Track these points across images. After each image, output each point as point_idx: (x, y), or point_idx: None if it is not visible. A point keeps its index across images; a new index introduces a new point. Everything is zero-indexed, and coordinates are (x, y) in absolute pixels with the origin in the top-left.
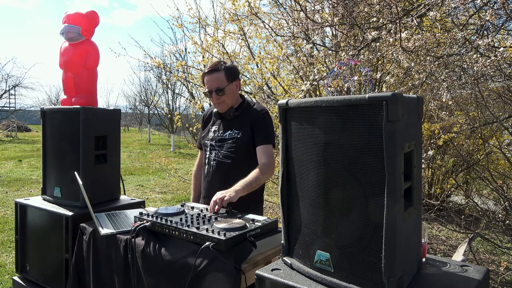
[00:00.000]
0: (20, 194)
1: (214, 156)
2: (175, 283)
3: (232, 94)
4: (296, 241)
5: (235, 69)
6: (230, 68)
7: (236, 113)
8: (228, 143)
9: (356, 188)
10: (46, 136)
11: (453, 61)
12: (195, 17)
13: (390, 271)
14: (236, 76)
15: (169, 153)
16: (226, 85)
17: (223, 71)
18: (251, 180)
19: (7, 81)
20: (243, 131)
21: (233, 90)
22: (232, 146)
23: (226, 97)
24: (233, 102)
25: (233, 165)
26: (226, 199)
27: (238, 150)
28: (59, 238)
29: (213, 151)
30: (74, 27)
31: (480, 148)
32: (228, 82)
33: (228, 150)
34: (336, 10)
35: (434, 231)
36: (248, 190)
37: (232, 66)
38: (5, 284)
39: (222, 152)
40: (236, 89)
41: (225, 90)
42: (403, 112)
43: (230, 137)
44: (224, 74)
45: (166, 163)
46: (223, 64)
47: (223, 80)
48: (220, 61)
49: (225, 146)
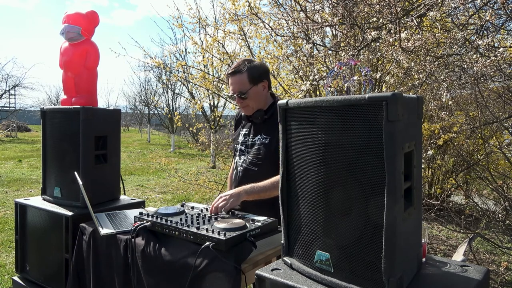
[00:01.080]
0: (20, 194)
1: (242, 162)
2: (175, 283)
3: (258, 97)
4: (296, 241)
5: (261, 68)
6: (255, 68)
7: (265, 116)
8: (256, 149)
9: (356, 188)
10: (46, 136)
11: (453, 61)
12: (195, 17)
13: (390, 271)
14: (262, 77)
15: (169, 153)
16: (249, 88)
17: (246, 73)
18: (260, 188)
19: (7, 81)
20: (271, 137)
21: (259, 93)
22: (259, 153)
23: (250, 101)
24: (260, 104)
25: (259, 173)
26: (227, 207)
27: (265, 158)
28: (59, 238)
29: (242, 156)
30: (74, 27)
31: (480, 148)
32: (252, 85)
33: (255, 156)
34: (336, 10)
35: (434, 231)
36: (254, 197)
37: (257, 65)
38: (5, 284)
39: (249, 159)
40: (264, 90)
41: (248, 94)
42: (403, 112)
43: (258, 142)
44: (247, 76)
45: (166, 163)
46: (247, 65)
47: (245, 83)
48: (245, 60)
49: (253, 152)
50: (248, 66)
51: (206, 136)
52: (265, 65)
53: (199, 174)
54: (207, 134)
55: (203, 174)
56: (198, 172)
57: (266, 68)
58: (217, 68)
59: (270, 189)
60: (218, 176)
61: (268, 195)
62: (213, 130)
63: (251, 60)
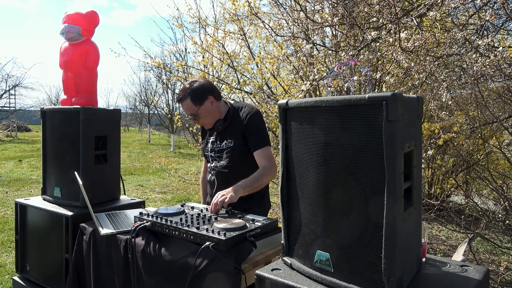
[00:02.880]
0: (20, 194)
1: (213, 166)
2: (175, 283)
3: (209, 112)
4: (296, 241)
5: (202, 88)
6: (196, 90)
7: (224, 124)
8: (224, 153)
9: (356, 188)
10: (46, 136)
11: (453, 61)
12: (195, 17)
13: (390, 271)
14: (206, 95)
15: (169, 153)
16: (198, 109)
17: (189, 98)
18: (252, 181)
19: (7, 81)
20: (234, 139)
21: (208, 109)
22: (227, 156)
23: (203, 119)
24: (215, 117)
25: (230, 174)
26: (226, 201)
27: (233, 159)
28: (59, 238)
29: (213, 161)
30: (74, 27)
31: (480, 148)
32: (199, 106)
33: (224, 159)
34: (336, 10)
35: (434, 231)
36: (250, 191)
37: (197, 87)
38: (5, 284)
39: (220, 163)
40: (213, 105)
41: (199, 114)
42: (403, 112)
43: (226, 147)
44: (191, 100)
45: (166, 163)
46: (189, 89)
47: (192, 106)
48: (187, 84)
49: (223, 156)
50: (189, 90)
51: None
52: (207, 82)
53: (199, 174)
54: None
55: None
56: (198, 172)
57: (208, 85)
58: (217, 68)
59: (260, 179)
60: None
61: (259, 186)
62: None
63: (193, 82)
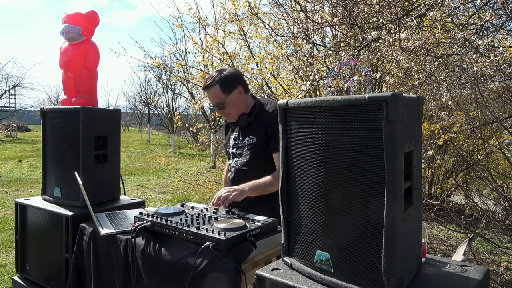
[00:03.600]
0: (20, 194)
1: (234, 164)
2: (175, 283)
3: (236, 103)
4: (296, 241)
5: (232, 77)
6: (225, 78)
7: (248, 119)
8: (245, 150)
9: (356, 188)
10: (46, 136)
11: (453, 61)
12: (195, 17)
13: (390, 271)
14: (235, 84)
15: (169, 153)
16: (225, 98)
17: (218, 85)
18: (262, 184)
19: (7, 81)
20: (257, 136)
21: (236, 99)
22: (248, 154)
23: (229, 109)
24: (241, 109)
25: (250, 172)
26: (230, 198)
27: (254, 157)
28: (59, 238)
29: (234, 159)
30: (74, 27)
31: (480, 148)
32: (226, 94)
33: (245, 157)
34: (336, 10)
35: (434, 231)
36: (257, 193)
37: (227, 75)
38: (5, 284)
39: (240, 160)
40: (240, 95)
41: (225, 103)
42: (403, 112)
43: (247, 144)
44: (219, 88)
45: (166, 163)
46: (218, 76)
47: (219, 94)
48: (216, 72)
49: (244, 154)
50: (218, 77)
51: (206, 136)
52: (237, 71)
53: (199, 174)
54: (207, 134)
55: (203, 174)
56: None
57: (237, 74)
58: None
59: (271, 184)
60: (218, 176)
61: (269, 190)
62: (213, 130)
63: (222, 70)
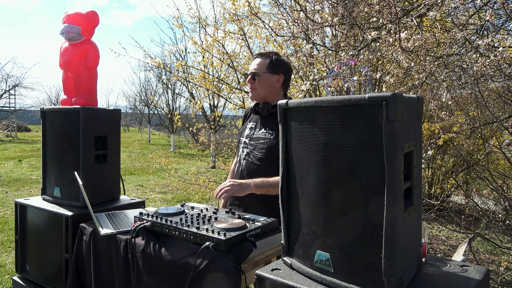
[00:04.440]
0: (20, 194)
1: (245, 155)
2: (175, 283)
3: (268, 85)
4: (296, 241)
5: (283, 64)
6: (278, 60)
7: (271, 110)
8: (260, 143)
9: (356, 188)
10: (46, 136)
11: (453, 61)
12: (195, 17)
13: (390, 271)
14: (280, 70)
15: (169, 153)
16: (263, 73)
17: (269, 59)
18: (271, 183)
19: (7, 81)
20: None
21: (271, 82)
22: (263, 148)
23: (259, 85)
24: (269, 95)
25: (261, 168)
26: (230, 193)
27: (269, 153)
28: (59, 238)
29: (245, 149)
30: (74, 27)
31: (480, 148)
32: (268, 72)
33: (259, 151)
34: (336, 10)
35: (434, 231)
36: (263, 191)
37: (281, 60)
38: (5, 284)
39: (253, 153)
40: (277, 83)
41: (260, 77)
42: (403, 112)
43: (263, 136)
44: (268, 62)
45: (166, 163)
46: (274, 55)
47: (263, 67)
48: (276, 52)
49: (257, 146)
50: (273, 56)
51: (206, 136)
52: (290, 63)
53: (199, 174)
54: (207, 134)
55: (203, 174)
56: (198, 172)
57: (288, 65)
58: (217, 68)
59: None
60: (218, 176)
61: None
62: (213, 130)
63: (279, 54)
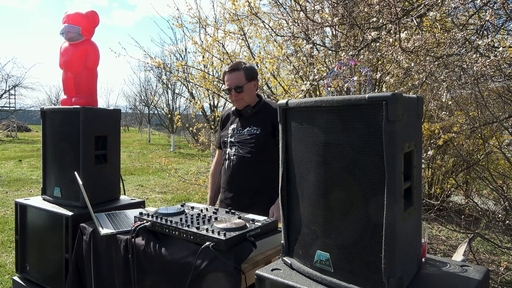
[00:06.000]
0: (20, 194)
1: (234, 152)
2: (175, 283)
3: (250, 92)
4: (296, 241)
5: (253, 69)
6: (249, 68)
7: (253, 110)
8: (247, 139)
9: (356, 188)
10: (46, 136)
11: (453, 61)
12: (195, 17)
13: (390, 271)
14: (254, 77)
15: (169, 153)
16: (245, 84)
17: (243, 71)
18: None
19: (7, 81)
20: (262, 128)
21: (251, 89)
22: (251, 142)
23: (244, 95)
24: (251, 100)
25: (253, 160)
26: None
27: (257, 146)
28: (59, 238)
29: (233, 147)
30: (74, 27)
31: (480, 148)
32: (247, 81)
33: (248, 145)
34: (336, 10)
35: (434, 231)
36: None
37: (251, 66)
38: (5, 284)
39: (242, 148)
40: (254, 88)
41: (244, 88)
42: (403, 112)
43: (248, 133)
44: (244, 73)
45: (166, 163)
46: (243, 64)
47: (242, 79)
48: (240, 61)
49: (245, 142)
50: (244, 65)
51: (206, 136)
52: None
53: (199, 174)
54: (207, 134)
55: (203, 174)
56: (198, 172)
57: (257, 71)
58: (217, 68)
59: None
60: None
61: None
62: (213, 130)
63: (245, 62)
